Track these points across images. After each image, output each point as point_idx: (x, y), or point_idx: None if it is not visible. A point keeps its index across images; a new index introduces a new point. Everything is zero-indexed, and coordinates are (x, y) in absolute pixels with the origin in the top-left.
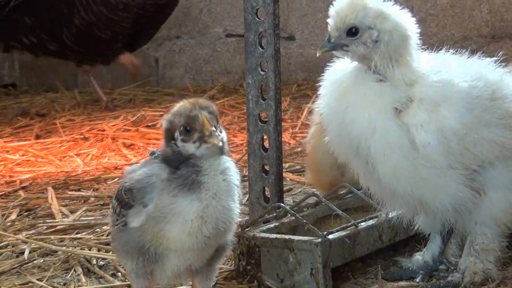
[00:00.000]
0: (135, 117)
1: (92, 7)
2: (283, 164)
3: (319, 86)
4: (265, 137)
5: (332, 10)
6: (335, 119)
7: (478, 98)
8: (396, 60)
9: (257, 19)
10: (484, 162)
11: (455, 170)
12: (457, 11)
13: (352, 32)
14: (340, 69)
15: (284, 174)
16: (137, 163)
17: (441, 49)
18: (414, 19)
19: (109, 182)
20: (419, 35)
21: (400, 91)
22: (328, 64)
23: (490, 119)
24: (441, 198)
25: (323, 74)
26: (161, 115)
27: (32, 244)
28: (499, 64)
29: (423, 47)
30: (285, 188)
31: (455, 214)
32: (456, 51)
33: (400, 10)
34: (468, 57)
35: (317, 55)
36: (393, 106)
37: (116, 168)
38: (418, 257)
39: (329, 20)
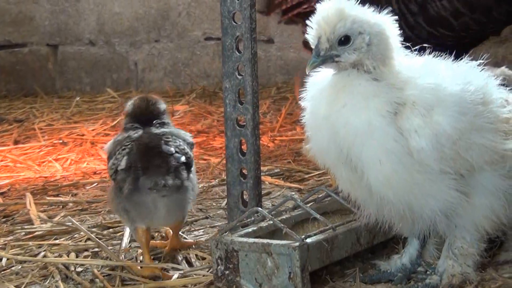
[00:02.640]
0: (115, 122)
1: (408, 19)
2: (262, 168)
3: (302, 94)
4: (243, 141)
5: (316, 23)
6: (323, 124)
7: (471, 102)
8: (385, 63)
9: (234, 24)
10: (472, 167)
11: (446, 175)
12: None
13: (343, 41)
14: (326, 75)
15: (262, 178)
16: None
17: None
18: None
19: (87, 187)
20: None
21: (395, 91)
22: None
23: (482, 123)
24: (432, 204)
25: (306, 82)
26: None
27: (10, 251)
28: (482, 68)
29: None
30: (264, 192)
31: (444, 219)
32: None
33: (380, 13)
34: (452, 61)
35: (308, 72)
36: (390, 108)
37: (95, 173)
38: (396, 259)
39: (314, 33)
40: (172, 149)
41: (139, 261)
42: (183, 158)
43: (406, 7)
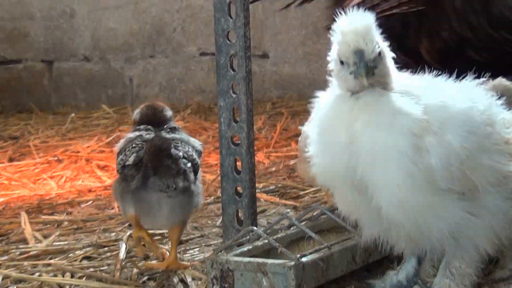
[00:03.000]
0: (110, 138)
1: (469, 17)
2: (257, 184)
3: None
4: (238, 159)
5: (355, 33)
6: (339, 146)
7: (481, 123)
8: (391, 77)
9: (228, 42)
10: (476, 188)
11: (455, 195)
12: None
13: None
14: (340, 98)
15: (258, 195)
16: None
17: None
18: None
19: (82, 205)
20: None
21: (411, 111)
22: (302, 82)
23: (489, 144)
24: (441, 226)
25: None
26: None
27: (5, 271)
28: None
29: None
30: (259, 209)
31: (449, 241)
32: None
33: None
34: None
35: (366, 84)
36: (414, 126)
37: (90, 190)
38: (392, 276)
39: (356, 44)
40: (180, 154)
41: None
42: (189, 165)
43: (469, 5)
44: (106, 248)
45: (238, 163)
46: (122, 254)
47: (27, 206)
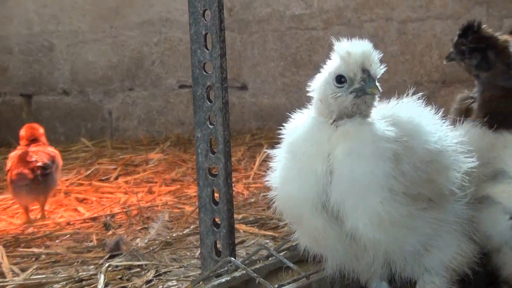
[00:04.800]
0: (89, 171)
1: None
2: (236, 215)
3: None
4: (215, 190)
5: (361, 52)
6: (311, 173)
7: (434, 127)
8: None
9: (205, 73)
10: (442, 192)
11: (423, 204)
12: (407, 57)
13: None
14: (315, 124)
15: (237, 226)
16: None
17: (393, 96)
18: None
19: (61, 239)
20: None
21: (390, 135)
22: (282, 113)
23: (445, 146)
24: (414, 238)
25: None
26: (114, 169)
27: None
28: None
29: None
30: (238, 240)
31: (421, 254)
32: (408, 96)
33: None
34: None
35: (377, 95)
36: (394, 150)
37: (68, 224)
38: None
39: (364, 61)
40: None
41: None
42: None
43: None
44: (84, 282)
45: (216, 194)
46: (100, 286)
47: (5, 240)
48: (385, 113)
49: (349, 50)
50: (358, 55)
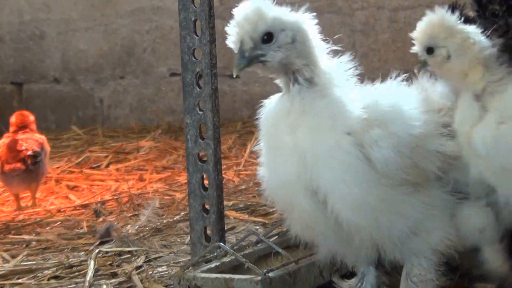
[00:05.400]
0: (80, 159)
1: None
2: (227, 202)
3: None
4: (205, 176)
5: (237, 24)
6: (287, 153)
7: (416, 112)
8: (314, 62)
9: (194, 59)
10: (428, 177)
11: (409, 187)
12: (399, 45)
13: (266, 39)
14: (277, 101)
15: (227, 213)
16: None
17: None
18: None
19: (51, 226)
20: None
21: (351, 111)
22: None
23: (431, 129)
24: (401, 223)
25: (260, 112)
26: (106, 156)
27: None
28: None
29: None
30: (228, 227)
31: (409, 238)
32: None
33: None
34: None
35: (234, 75)
36: (354, 124)
37: (59, 211)
38: None
39: (236, 36)
40: None
41: None
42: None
43: None
44: (74, 268)
45: (206, 180)
46: (90, 271)
47: None
48: (366, 98)
49: (233, 22)
50: (238, 27)
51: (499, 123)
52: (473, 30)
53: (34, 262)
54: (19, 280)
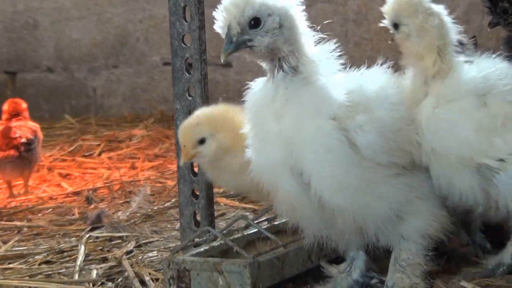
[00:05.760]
0: (72, 147)
1: None
2: (218, 189)
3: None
4: (194, 162)
5: (224, 9)
6: (273, 138)
7: (396, 97)
8: (300, 49)
9: (183, 45)
10: (413, 161)
11: (395, 172)
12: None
13: (253, 24)
14: (263, 86)
15: (218, 199)
16: None
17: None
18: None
19: (43, 212)
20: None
21: (334, 97)
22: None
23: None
24: (384, 206)
25: (246, 95)
26: (98, 145)
27: None
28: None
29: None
30: (218, 213)
31: (392, 221)
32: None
33: None
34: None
35: (222, 60)
36: (337, 110)
37: (51, 198)
38: (345, 278)
39: (223, 21)
40: None
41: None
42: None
43: None
44: (65, 253)
45: (195, 166)
46: (80, 256)
47: None
48: (351, 84)
49: (221, 7)
50: (225, 12)
51: (434, 108)
52: (441, 13)
53: (26, 248)
54: (10, 265)
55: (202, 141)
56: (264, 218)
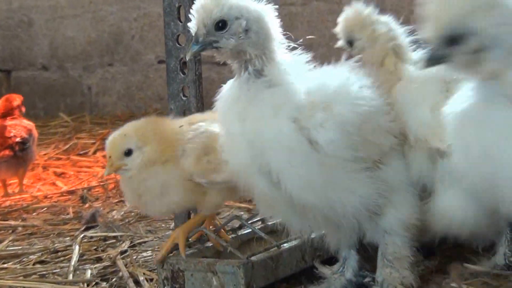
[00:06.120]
0: (67, 146)
1: None
2: None
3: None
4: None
5: (196, 8)
6: (239, 139)
7: (358, 90)
8: (267, 54)
9: (178, 46)
10: (383, 152)
11: (361, 166)
12: None
13: (220, 26)
14: (230, 87)
15: None
16: None
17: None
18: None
19: (38, 212)
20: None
21: (296, 94)
22: None
23: (376, 106)
24: (352, 200)
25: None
26: (93, 143)
27: None
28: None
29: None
30: None
31: (367, 216)
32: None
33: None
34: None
35: (187, 58)
36: (295, 111)
37: (45, 197)
38: (338, 278)
39: (193, 21)
40: None
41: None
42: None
43: None
44: (59, 253)
45: None
46: (75, 256)
47: None
48: (315, 82)
49: (194, 8)
50: (196, 13)
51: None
52: (386, 21)
53: (20, 247)
54: (5, 265)
55: (128, 153)
56: (258, 218)
